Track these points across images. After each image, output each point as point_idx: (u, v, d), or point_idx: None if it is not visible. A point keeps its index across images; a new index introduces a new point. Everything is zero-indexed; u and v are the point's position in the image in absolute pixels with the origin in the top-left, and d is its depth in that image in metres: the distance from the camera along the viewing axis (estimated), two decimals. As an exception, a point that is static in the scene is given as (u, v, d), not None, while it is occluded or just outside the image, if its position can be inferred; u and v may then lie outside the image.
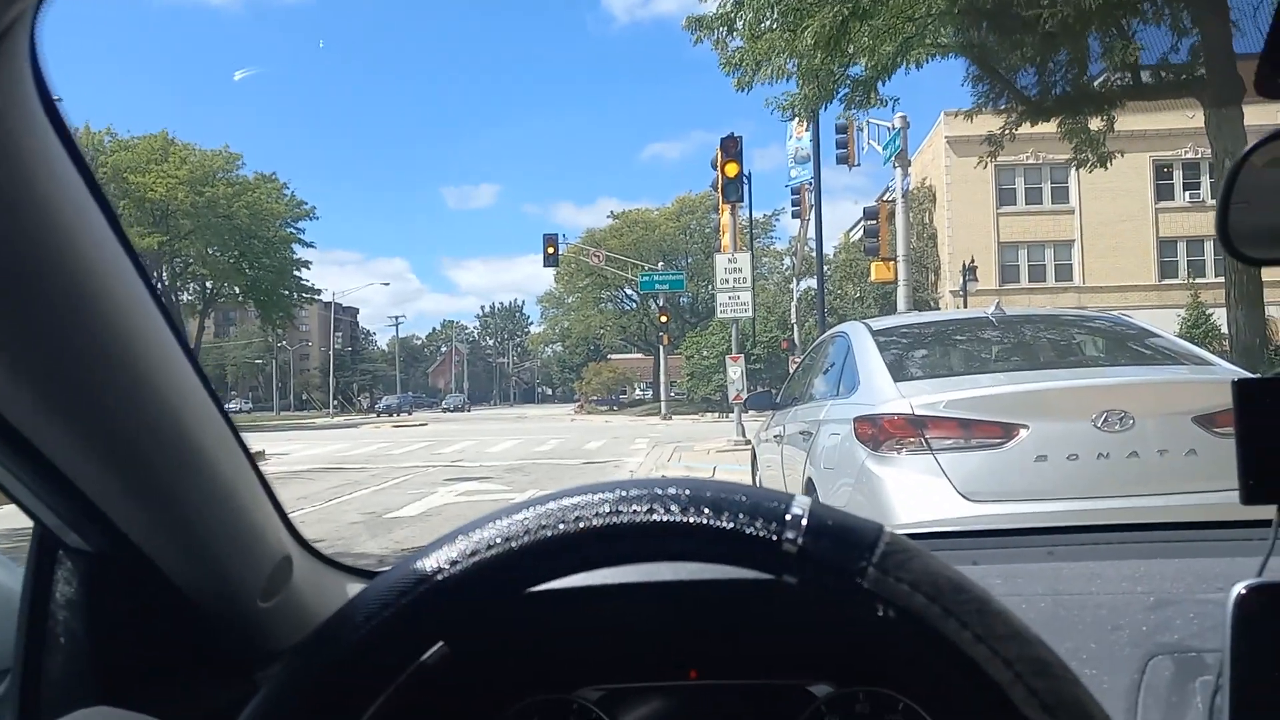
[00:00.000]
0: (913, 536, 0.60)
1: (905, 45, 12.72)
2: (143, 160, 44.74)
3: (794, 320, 37.93)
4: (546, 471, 16.00)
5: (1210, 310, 30.98)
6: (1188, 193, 36.68)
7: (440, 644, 0.69)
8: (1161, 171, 37.08)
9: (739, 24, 13.48)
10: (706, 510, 0.57)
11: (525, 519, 0.59)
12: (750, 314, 22.42)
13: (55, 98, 0.55)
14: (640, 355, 73.52)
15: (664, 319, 39.88)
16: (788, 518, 0.57)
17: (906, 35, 12.66)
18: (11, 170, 0.52)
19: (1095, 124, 14.41)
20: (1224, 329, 14.41)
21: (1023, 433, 4.03)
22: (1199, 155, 33.37)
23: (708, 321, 50.25)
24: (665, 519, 0.58)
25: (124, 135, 46.73)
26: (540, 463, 18.01)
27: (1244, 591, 0.78)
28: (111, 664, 0.82)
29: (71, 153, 0.57)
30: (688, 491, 0.58)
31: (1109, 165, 15.23)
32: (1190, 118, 14.47)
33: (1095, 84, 13.46)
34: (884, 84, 13.55)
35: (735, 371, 20.08)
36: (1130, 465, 3.97)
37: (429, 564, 0.59)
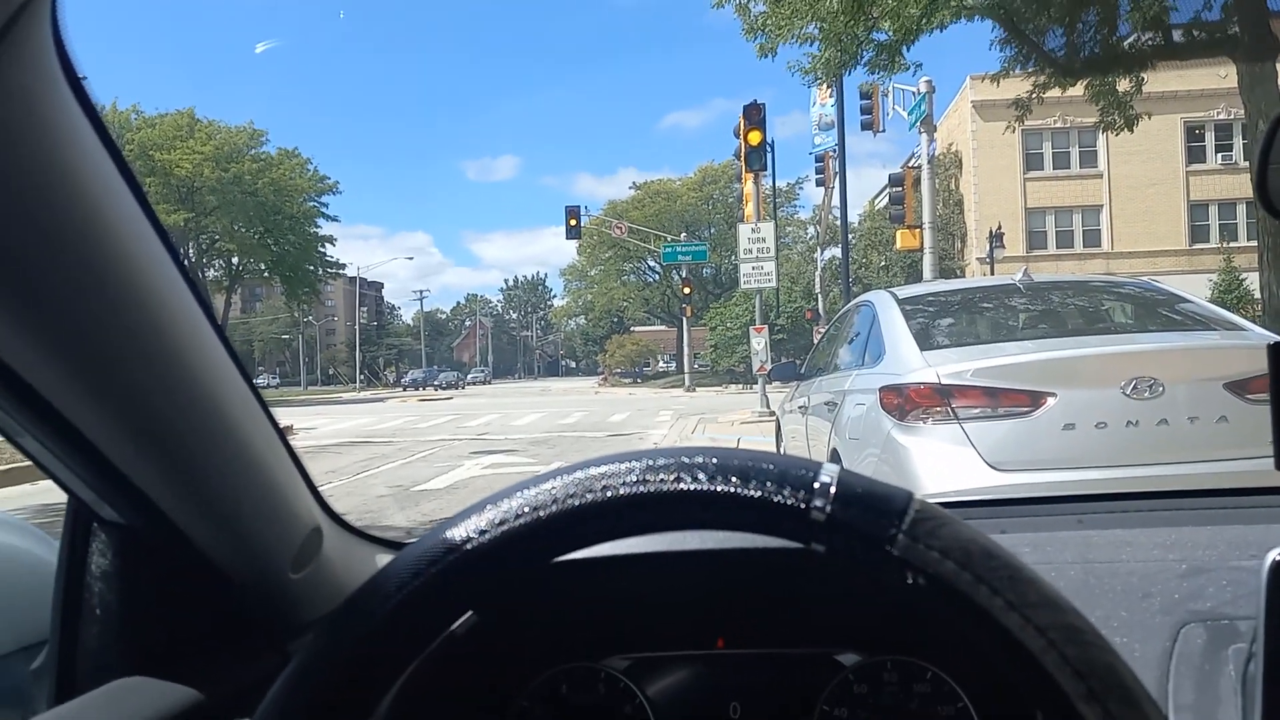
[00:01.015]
0: (943, 505, 0.60)
1: (930, 7, 12.52)
2: (168, 137, 45.00)
3: (818, 290, 37.73)
4: (571, 444, 16.07)
5: (1243, 275, 30.54)
6: (1220, 155, 36.05)
7: (470, 613, 0.70)
8: (1193, 133, 36.44)
9: (761, -11, 13.34)
10: (734, 478, 0.57)
11: (553, 488, 0.59)
12: (774, 284, 22.31)
13: (81, 76, 0.55)
14: (664, 327, 73.47)
15: (687, 290, 39.77)
16: (816, 485, 0.56)
17: (931, -3, 12.46)
18: (39, 147, 0.52)
19: (1124, 85, 14.17)
20: (1257, 294, 14.20)
21: (1050, 401, 4.00)
22: (1231, 116, 32.78)
23: (731, 292, 50.10)
24: (692, 487, 0.57)
25: (150, 113, 47.05)
26: (565, 435, 18.09)
27: (1279, 559, 0.77)
28: (146, 635, 0.83)
29: (98, 129, 0.57)
30: (715, 460, 0.58)
31: (1134, 128, 14.98)
32: (1223, 77, 14.21)
33: (1125, 44, 13.21)
34: (909, 48, 13.35)
35: (759, 342, 20.03)
36: (1160, 432, 3.93)
37: (458, 533, 0.60)
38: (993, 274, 28.15)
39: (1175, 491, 1.48)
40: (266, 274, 52.95)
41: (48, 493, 0.83)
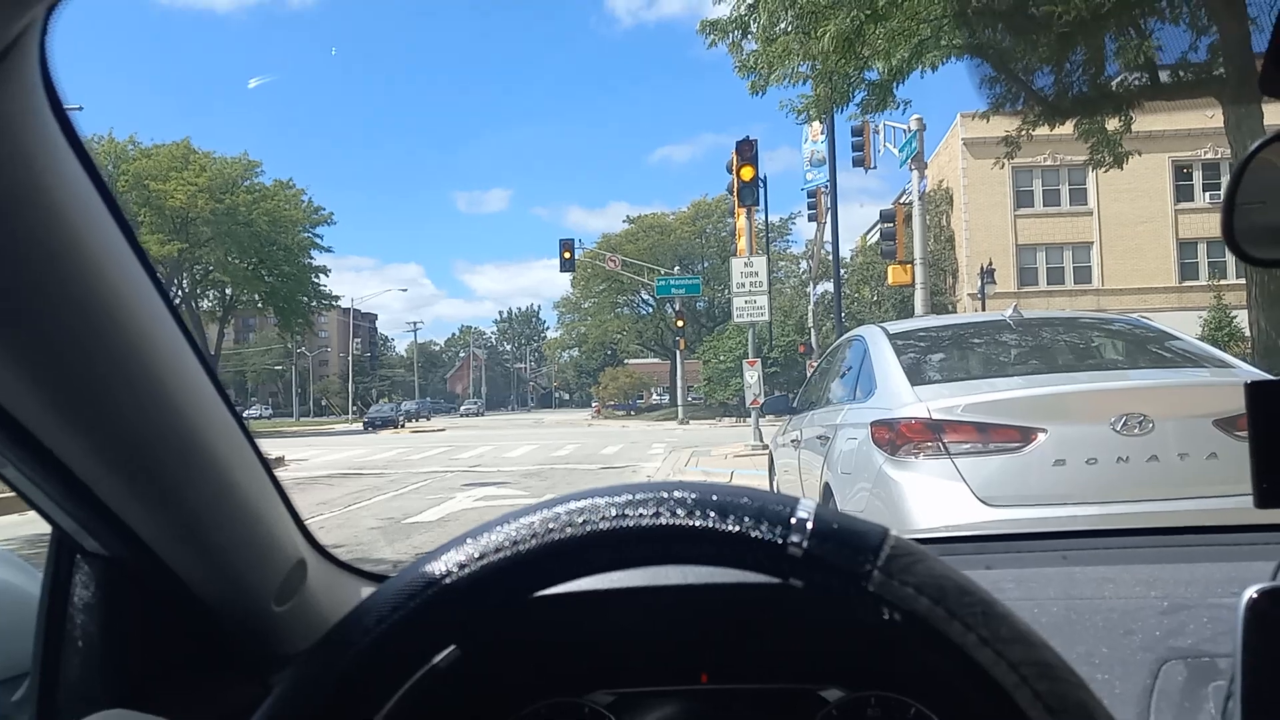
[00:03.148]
0: (926, 541, 0.60)
1: (920, 47, 12.68)
2: (164, 168, 45.09)
3: (811, 324, 37.84)
4: (563, 476, 16.02)
5: (1233, 312, 30.70)
6: (1208, 194, 36.35)
7: (452, 647, 0.70)
8: (1181, 172, 36.78)
9: (754, 27, 13.48)
10: (712, 514, 0.58)
11: (533, 523, 0.60)
12: (767, 318, 22.38)
13: (74, 106, 0.56)
14: (657, 360, 73.52)
15: (680, 323, 39.89)
16: (793, 521, 0.57)
17: (922, 37, 12.63)
18: (23, 178, 0.53)
19: (1112, 124, 14.32)
20: (1247, 331, 14.27)
21: (1041, 436, 4.01)
22: (1219, 155, 33.13)
23: (724, 325, 50.17)
24: (671, 523, 0.58)
25: (146, 144, 47.19)
26: (557, 468, 18.03)
27: (1255, 596, 0.77)
28: (128, 667, 0.83)
29: (83, 160, 0.58)
30: (694, 495, 0.59)
31: (1124, 165, 15.12)
32: (1209, 117, 14.34)
33: (1112, 84, 13.36)
34: (899, 86, 13.52)
35: (752, 376, 20.05)
36: (1150, 469, 3.94)
37: (438, 567, 0.60)
38: (984, 310, 28.28)
39: (1158, 529, 1.49)
40: (260, 305, 52.91)
41: (35, 523, 0.83)
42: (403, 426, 50.30)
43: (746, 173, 18.84)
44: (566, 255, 33.15)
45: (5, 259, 0.54)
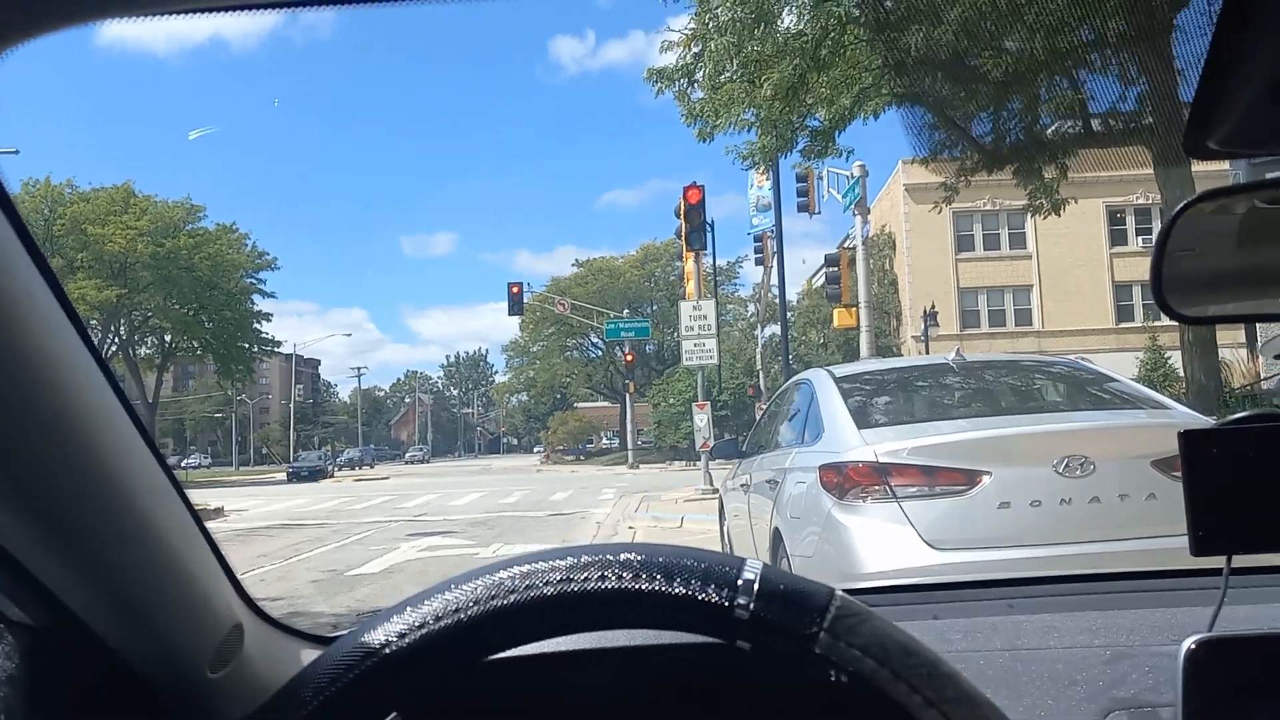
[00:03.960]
0: (873, 591, 0.61)
1: (862, 95, 12.98)
2: (102, 212, 44.36)
3: (759, 366, 38.13)
4: (511, 524, 15.85)
5: (1168, 353, 31.54)
6: (1140, 237, 37.51)
7: (394, 715, 0.68)
8: (1115, 217, 37.95)
9: (700, 75, 13.71)
10: (658, 577, 0.57)
11: (476, 588, 0.59)
12: (716, 361, 22.54)
13: (8, 149, 0.55)
14: (606, 403, 73.49)
15: (629, 359, 40.17)
16: (739, 583, 0.57)
17: (863, 85, 12.93)
18: None
19: (1049, 172, 14.74)
20: (1181, 372, 14.67)
21: (986, 479, 4.06)
22: (1150, 201, 34.17)
23: (674, 368, 50.39)
24: (617, 586, 0.57)
25: (85, 188, 46.42)
26: (505, 515, 17.85)
27: (1193, 646, 0.78)
28: None
29: (5, 208, 0.56)
30: (639, 558, 0.58)
31: (1062, 212, 15.55)
32: (1140, 165, 14.84)
33: (1047, 132, 13.78)
34: (842, 134, 13.82)
35: (702, 419, 20.10)
36: (1092, 510, 4.00)
37: (377, 637, 0.58)
38: (927, 352, 28.72)
39: (1100, 574, 1.51)
40: (200, 352, 51.99)
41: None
42: (332, 476, 47.95)
43: (694, 218, 19.05)
44: (515, 291, 33.20)
45: None
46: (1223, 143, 0.72)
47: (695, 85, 13.97)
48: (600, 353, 64.13)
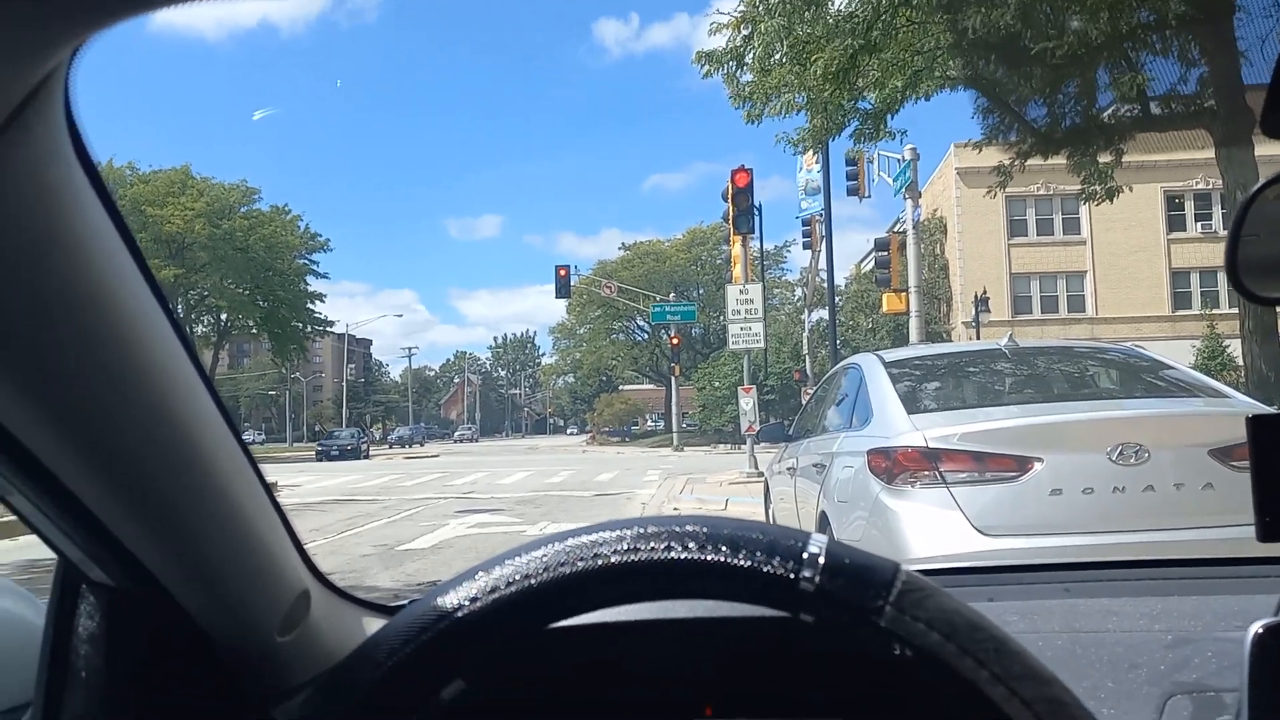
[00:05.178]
0: (928, 572, 0.61)
1: (914, 78, 12.82)
2: (161, 193, 45.22)
3: (806, 351, 37.89)
4: (558, 503, 15.96)
5: (1226, 342, 30.82)
6: (1199, 224, 36.61)
7: (458, 680, 0.70)
8: (1173, 203, 37.05)
9: (748, 58, 13.61)
10: (724, 548, 0.58)
11: (545, 556, 0.60)
12: (762, 345, 22.43)
13: (92, 156, 0.57)
14: (652, 386, 73.49)
15: (675, 342, 40.12)
16: (805, 556, 0.57)
17: (915, 68, 12.77)
18: (49, 218, 0.54)
19: (1104, 157, 14.44)
20: (1240, 361, 14.33)
21: (1037, 466, 4.01)
22: (1210, 186, 33.39)
23: (719, 352, 50.25)
24: (683, 556, 0.58)
25: (144, 170, 47.31)
26: (551, 495, 17.97)
27: (1261, 631, 0.78)
28: (131, 700, 0.82)
29: (103, 198, 0.59)
30: (705, 529, 0.59)
31: (1115, 200, 15.22)
32: (1200, 149, 14.48)
33: (1104, 115, 13.50)
34: (893, 116, 13.65)
35: (747, 403, 20.04)
36: (1146, 499, 3.94)
37: (450, 600, 0.60)
38: (978, 338, 28.34)
39: (1160, 560, 1.49)
40: (255, 330, 52.85)
41: (29, 548, 0.83)
42: (367, 455, 43.79)
43: (742, 201, 18.94)
44: (563, 274, 33.30)
45: (33, 305, 0.54)
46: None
47: (744, 68, 13.86)
48: (646, 336, 64.12)
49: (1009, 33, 11.31)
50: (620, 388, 76.78)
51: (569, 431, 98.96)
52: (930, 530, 4.06)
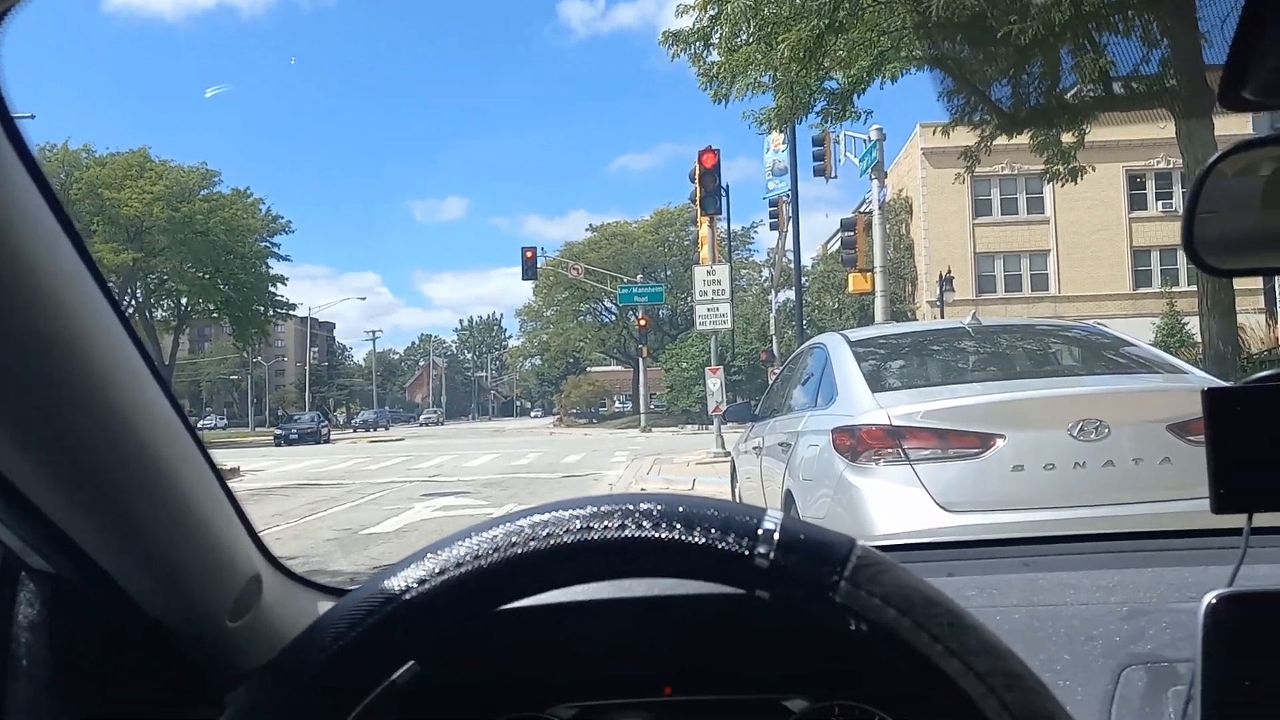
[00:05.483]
0: (889, 548, 0.60)
1: (880, 58, 12.83)
2: (118, 176, 44.33)
3: (773, 332, 38.07)
4: (525, 485, 15.95)
5: (1185, 319, 31.31)
6: (1160, 202, 37.11)
7: (411, 663, 0.68)
8: (1134, 182, 37.51)
9: (716, 38, 13.56)
10: (678, 525, 0.57)
11: (495, 536, 0.59)
12: (729, 326, 22.49)
13: (24, 114, 0.55)
14: (619, 368, 73.54)
15: (643, 324, 40.09)
16: (760, 532, 0.57)
17: (881, 49, 12.77)
18: None
19: (1068, 137, 14.56)
20: (1198, 337, 14.57)
21: (999, 442, 4.05)
22: (1171, 165, 33.78)
23: (687, 333, 50.33)
24: (637, 534, 0.57)
25: (101, 152, 46.38)
26: (519, 477, 17.95)
27: (1214, 601, 0.78)
28: (77, 688, 0.80)
29: (30, 168, 0.56)
30: (659, 507, 0.58)
31: (1079, 180, 15.38)
32: (1161, 128, 14.64)
33: (1068, 96, 13.59)
34: (859, 97, 13.65)
35: (715, 383, 20.11)
36: (1106, 474, 3.99)
37: (397, 583, 0.59)
38: (943, 317, 28.60)
39: (1117, 534, 1.50)
40: (215, 314, 52.13)
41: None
42: (328, 440, 43.01)
43: (709, 182, 18.93)
44: (529, 256, 33.16)
45: None
46: (1258, 93, 0.70)
47: (711, 48, 13.81)
48: (614, 317, 64.07)
49: (974, 14, 11.34)
50: (588, 369, 76.76)
51: (534, 414, 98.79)
52: (894, 507, 4.10)
